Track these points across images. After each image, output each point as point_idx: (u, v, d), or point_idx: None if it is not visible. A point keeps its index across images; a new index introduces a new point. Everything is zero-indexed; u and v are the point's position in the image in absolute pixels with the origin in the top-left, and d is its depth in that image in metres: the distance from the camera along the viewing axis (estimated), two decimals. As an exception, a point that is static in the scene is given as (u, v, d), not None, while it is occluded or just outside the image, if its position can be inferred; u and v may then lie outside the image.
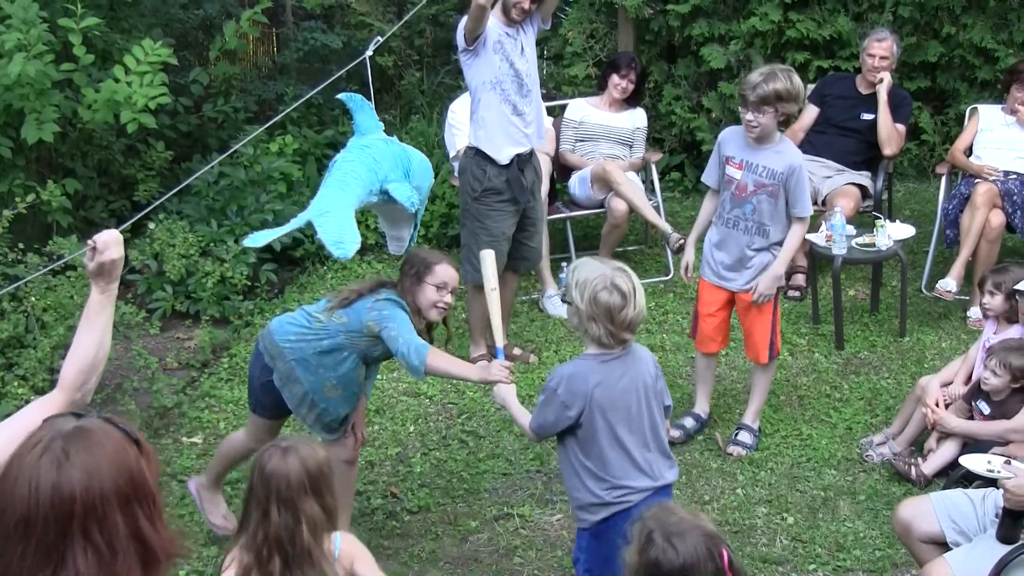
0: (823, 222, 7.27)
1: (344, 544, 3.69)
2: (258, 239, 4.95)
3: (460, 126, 7.59)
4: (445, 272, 5.03)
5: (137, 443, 2.30)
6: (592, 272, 4.10)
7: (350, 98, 5.22)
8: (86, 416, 2.30)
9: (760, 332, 6.08)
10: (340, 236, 4.76)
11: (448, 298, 5.05)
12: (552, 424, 4.18)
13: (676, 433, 6.29)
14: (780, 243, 5.93)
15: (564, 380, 4.12)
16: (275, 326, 5.03)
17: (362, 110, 5.20)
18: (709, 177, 6.11)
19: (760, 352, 6.11)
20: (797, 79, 5.79)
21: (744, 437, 6.22)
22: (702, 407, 6.43)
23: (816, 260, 7.52)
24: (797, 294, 7.87)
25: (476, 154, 6.66)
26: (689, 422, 6.36)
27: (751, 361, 6.31)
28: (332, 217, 4.79)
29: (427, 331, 5.11)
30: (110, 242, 3.15)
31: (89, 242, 3.13)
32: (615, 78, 8.47)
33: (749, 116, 5.74)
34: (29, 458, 2.20)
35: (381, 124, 5.25)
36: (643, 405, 4.17)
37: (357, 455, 5.30)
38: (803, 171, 5.87)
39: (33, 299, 6.43)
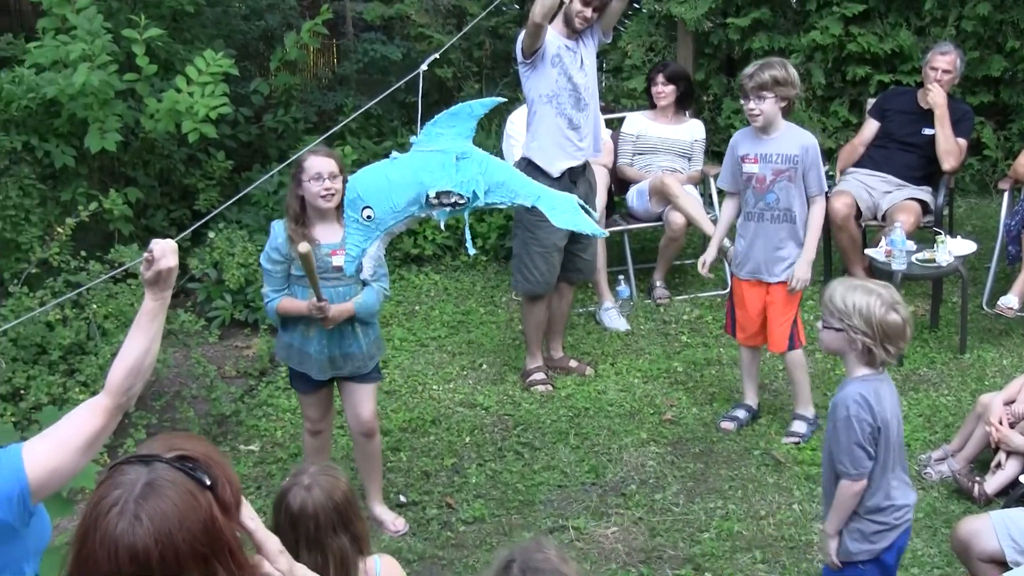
0: (883, 237, 7.22)
1: (384, 567, 3.68)
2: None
3: (518, 137, 7.60)
4: (315, 163, 5.19)
5: (212, 487, 2.31)
6: (866, 295, 4.00)
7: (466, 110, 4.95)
8: (154, 463, 2.28)
9: (778, 323, 6.17)
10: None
11: (328, 183, 5.16)
12: (864, 454, 4.00)
13: (730, 425, 6.32)
14: (801, 240, 6.08)
15: (856, 403, 4.00)
16: None
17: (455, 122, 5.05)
18: (724, 181, 6.30)
19: (780, 343, 6.21)
20: (792, 69, 5.99)
21: (798, 426, 6.29)
22: (751, 399, 6.53)
23: (876, 275, 7.46)
24: (856, 309, 7.80)
25: (528, 165, 6.66)
26: (741, 413, 6.47)
27: (774, 352, 6.43)
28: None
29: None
30: (166, 250, 3.17)
31: (146, 253, 3.15)
32: (652, 89, 8.51)
33: (751, 105, 5.95)
34: (107, 520, 2.21)
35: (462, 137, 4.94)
36: (900, 421, 4.15)
37: (323, 427, 5.63)
38: (816, 149, 6.04)
39: (95, 306, 6.49)
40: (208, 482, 2.28)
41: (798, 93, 6.11)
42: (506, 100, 5.23)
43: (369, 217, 4.71)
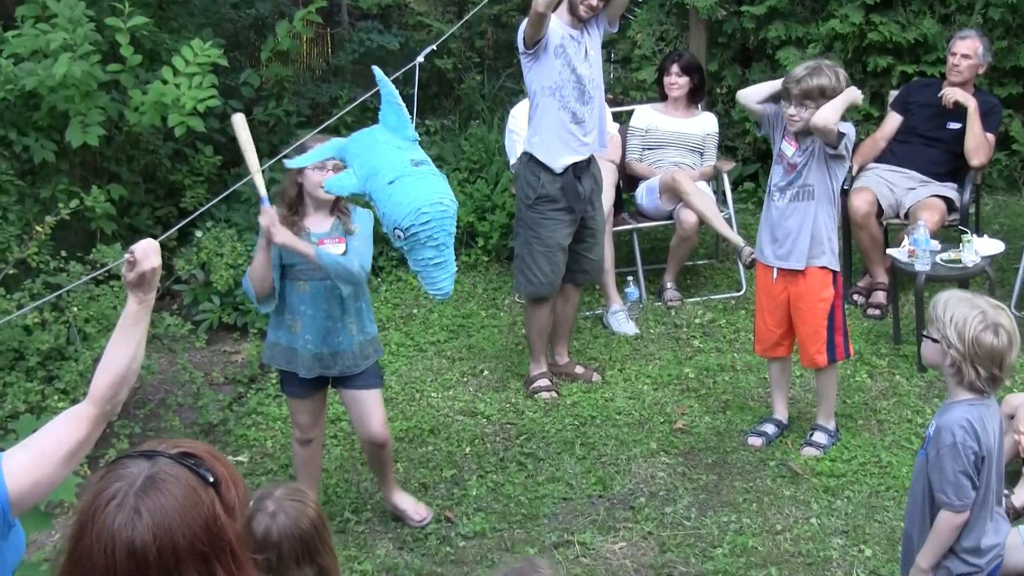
0: (905, 236, 7.21)
1: None
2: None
3: (520, 131, 7.59)
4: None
5: (215, 484, 2.31)
6: (969, 309, 3.96)
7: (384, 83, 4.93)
8: (157, 457, 2.30)
9: (813, 335, 6.12)
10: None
11: (332, 173, 5.15)
12: (969, 484, 3.95)
13: (757, 441, 6.31)
14: (827, 229, 6.04)
15: (962, 429, 3.93)
16: None
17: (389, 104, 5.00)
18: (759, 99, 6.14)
19: (815, 357, 6.16)
20: (844, 75, 5.89)
21: (819, 437, 6.28)
22: (781, 412, 6.49)
23: (898, 277, 7.46)
24: (878, 312, 7.80)
25: (530, 160, 6.65)
26: (770, 428, 6.43)
27: (808, 368, 6.44)
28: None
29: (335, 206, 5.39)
30: (148, 251, 3.17)
31: (127, 254, 3.15)
32: (665, 79, 8.51)
33: (791, 111, 5.87)
34: (105, 514, 2.22)
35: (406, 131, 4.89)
36: (1002, 451, 4.10)
37: (313, 435, 5.66)
38: (851, 133, 5.95)
39: (75, 309, 6.48)
40: (212, 479, 2.29)
41: None
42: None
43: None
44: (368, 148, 4.71)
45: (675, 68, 8.47)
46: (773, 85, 6.20)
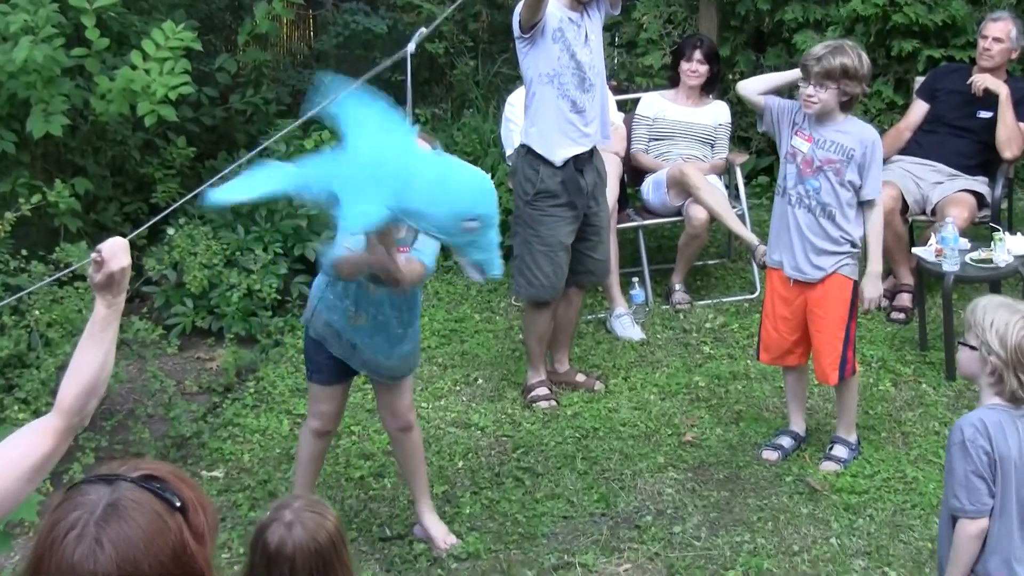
0: (932, 234, 7.21)
1: None
2: (233, 191, 4.81)
3: (518, 120, 7.58)
4: None
5: (182, 508, 2.30)
6: (1010, 314, 3.95)
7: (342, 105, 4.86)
8: (118, 482, 2.28)
9: (828, 348, 6.12)
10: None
11: None
12: (983, 486, 3.90)
13: (773, 455, 6.31)
14: (849, 238, 6.03)
15: (972, 427, 3.92)
16: None
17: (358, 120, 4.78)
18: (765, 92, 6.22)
19: (828, 373, 6.16)
20: (867, 59, 5.93)
21: (839, 451, 6.28)
22: (798, 424, 6.49)
23: (924, 278, 7.46)
24: (902, 316, 7.81)
25: (528, 153, 6.65)
26: (786, 442, 6.43)
27: (821, 383, 6.45)
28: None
29: None
30: (116, 249, 3.15)
31: (93, 254, 3.14)
32: (684, 65, 8.48)
33: (809, 91, 5.89)
34: (63, 546, 2.21)
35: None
36: None
37: (332, 428, 5.69)
38: (878, 148, 6.00)
39: (37, 312, 6.47)
40: (178, 503, 2.28)
41: (864, 90, 6.05)
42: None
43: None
44: (365, 169, 4.59)
45: (697, 55, 8.44)
46: (777, 77, 6.24)
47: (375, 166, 4.58)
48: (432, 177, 4.62)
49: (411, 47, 5.16)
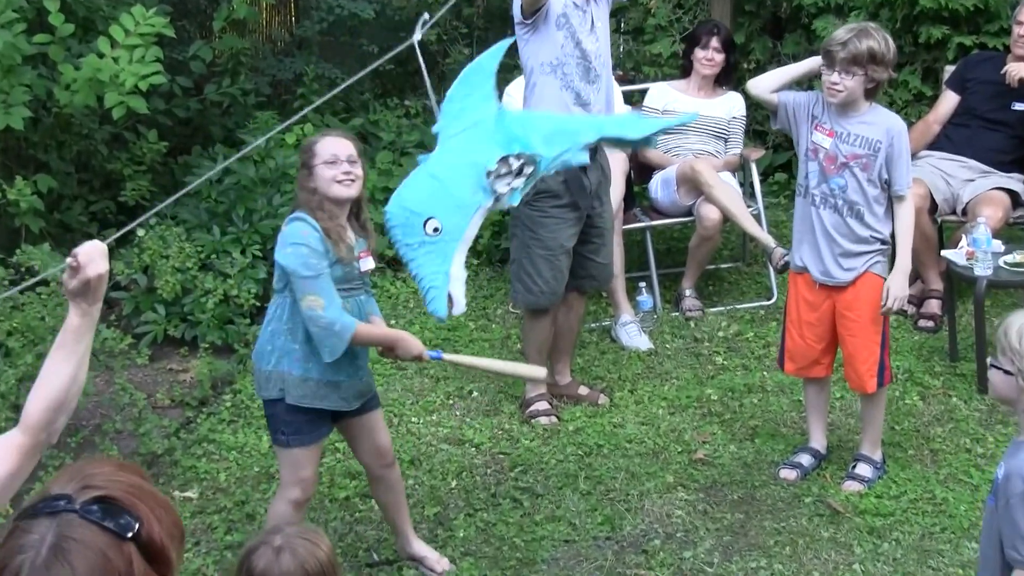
0: (963, 236, 7.22)
1: None
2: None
3: (517, 114, 7.60)
4: (328, 145, 5.21)
5: (135, 534, 2.29)
6: None
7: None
8: (62, 515, 2.27)
9: (864, 352, 6.11)
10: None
11: (346, 168, 5.16)
12: None
13: (791, 474, 6.31)
14: (880, 236, 6.03)
15: None
16: None
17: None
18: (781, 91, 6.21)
19: (865, 380, 6.14)
20: (892, 43, 5.93)
21: (863, 470, 6.27)
22: (818, 441, 6.49)
23: (955, 283, 7.46)
24: (931, 324, 7.81)
25: (525, 147, 6.66)
26: (806, 459, 6.42)
27: (855, 392, 6.42)
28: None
29: (356, 216, 5.34)
30: (93, 254, 3.15)
31: (69, 259, 3.14)
32: (698, 53, 8.47)
33: (834, 78, 5.87)
34: None
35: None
36: None
37: (312, 493, 5.55)
38: (904, 137, 6.00)
39: (-4, 320, 6.49)
40: (129, 531, 2.27)
41: (891, 75, 6.06)
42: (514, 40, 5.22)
43: (436, 230, 4.71)
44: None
45: (714, 42, 8.43)
46: (790, 70, 6.24)
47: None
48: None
49: (417, 36, 5.17)
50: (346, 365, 5.21)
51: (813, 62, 6.15)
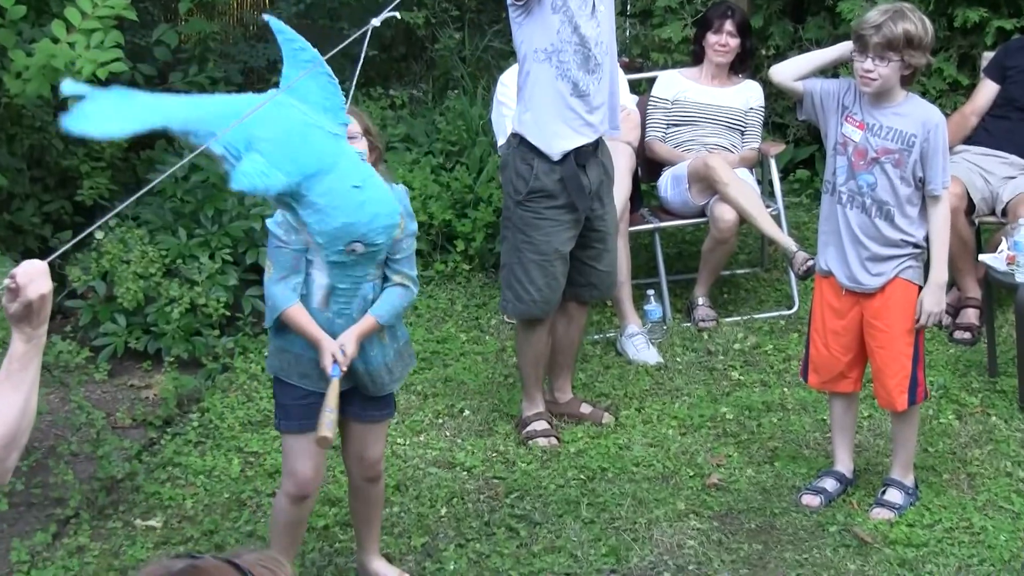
0: (1004, 239, 7.21)
1: None
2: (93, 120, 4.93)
3: (511, 104, 7.57)
4: None
5: None
6: None
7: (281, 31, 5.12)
8: (202, 559, 2.29)
9: (894, 366, 6.10)
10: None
11: (358, 145, 5.19)
12: None
13: (814, 500, 6.30)
14: (912, 240, 6.01)
15: None
16: None
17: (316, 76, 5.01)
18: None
19: (895, 396, 6.13)
20: (930, 24, 5.90)
21: (893, 496, 6.26)
22: (844, 464, 6.47)
23: (994, 290, 7.46)
24: (968, 336, 7.81)
25: (521, 144, 6.62)
26: (830, 484, 6.40)
27: (884, 410, 6.42)
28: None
29: None
30: (34, 275, 3.13)
31: (7, 280, 3.11)
32: (711, 38, 8.47)
33: (868, 65, 5.83)
34: None
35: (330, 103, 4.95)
36: None
37: (312, 491, 5.50)
38: (943, 131, 5.97)
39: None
40: None
41: (929, 61, 6.04)
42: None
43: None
44: (291, 132, 4.70)
45: (728, 26, 8.43)
46: (817, 56, 6.23)
47: (300, 138, 4.69)
48: (349, 176, 4.69)
49: (376, 20, 5.15)
50: (295, 337, 5.25)
51: (844, 47, 6.13)
